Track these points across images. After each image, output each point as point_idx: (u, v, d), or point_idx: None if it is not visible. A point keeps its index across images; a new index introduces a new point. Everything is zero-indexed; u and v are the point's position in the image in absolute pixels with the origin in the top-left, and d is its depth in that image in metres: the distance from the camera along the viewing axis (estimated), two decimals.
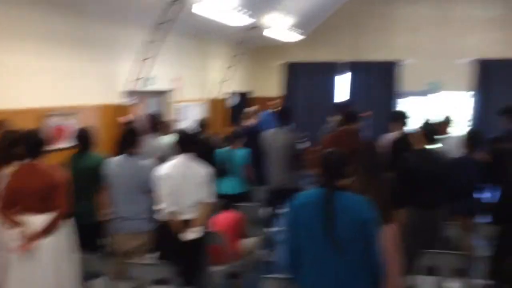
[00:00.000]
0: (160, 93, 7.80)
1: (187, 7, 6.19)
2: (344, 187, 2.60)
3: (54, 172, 3.45)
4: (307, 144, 10.24)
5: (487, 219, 4.36)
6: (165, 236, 3.95)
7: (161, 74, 7.38)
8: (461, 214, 4.72)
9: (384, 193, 3.43)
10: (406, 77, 10.56)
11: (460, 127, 5.76)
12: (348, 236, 2.50)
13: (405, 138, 4.72)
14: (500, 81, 9.89)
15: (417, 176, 4.08)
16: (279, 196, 5.70)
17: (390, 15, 10.58)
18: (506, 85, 9.83)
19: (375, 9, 10.61)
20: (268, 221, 5.55)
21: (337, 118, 6.06)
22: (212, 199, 4.01)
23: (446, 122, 5.72)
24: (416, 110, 5.87)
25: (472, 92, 10.23)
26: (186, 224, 3.91)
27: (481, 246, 4.77)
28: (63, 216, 3.43)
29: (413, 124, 5.51)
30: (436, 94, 10.55)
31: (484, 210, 5.10)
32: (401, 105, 10.56)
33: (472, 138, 4.87)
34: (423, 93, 10.56)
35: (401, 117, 5.65)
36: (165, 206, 3.93)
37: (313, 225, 2.55)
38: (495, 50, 9.90)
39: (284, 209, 5.70)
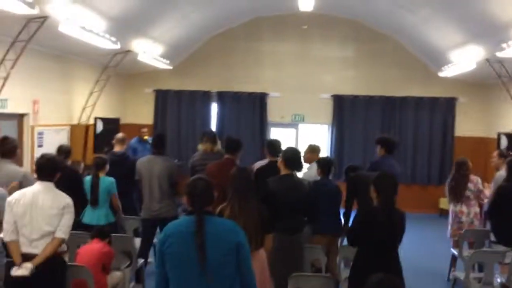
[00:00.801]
0: (14, 116, 7.11)
1: (50, 25, 5.82)
2: (212, 213, 2.63)
3: None
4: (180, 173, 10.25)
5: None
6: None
7: (16, 96, 6.76)
8: (324, 234, 5.04)
9: (254, 218, 3.53)
10: (272, 109, 11.16)
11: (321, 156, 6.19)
12: (220, 262, 2.51)
13: (272, 165, 4.92)
14: (352, 115, 10.99)
15: (277, 201, 4.22)
16: (154, 226, 5.54)
17: (256, 51, 11.16)
18: (358, 118, 10.95)
19: (241, 44, 11.12)
20: (140, 253, 5.31)
21: (206, 145, 6.07)
22: (63, 235, 3.62)
23: (312, 150, 6.10)
24: (283, 140, 6.13)
25: (329, 125, 11.16)
26: (27, 258, 3.52)
27: (345, 267, 5.14)
28: None
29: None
30: (299, 125, 11.31)
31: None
32: (270, 135, 11.11)
33: (323, 164, 5.29)
34: (288, 124, 11.24)
35: (272, 146, 5.88)
36: (4, 236, 3.56)
37: (183, 253, 2.52)
38: (348, 88, 11.02)
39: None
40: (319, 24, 10.91)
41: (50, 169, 3.71)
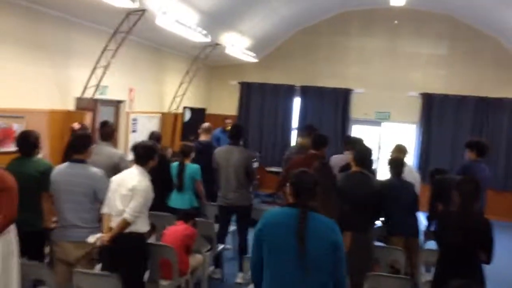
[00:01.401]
0: (113, 103, 7.66)
1: (147, 18, 6.18)
2: (314, 208, 2.63)
3: (3, 176, 3.30)
4: (257, 164, 10.47)
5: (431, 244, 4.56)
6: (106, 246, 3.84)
7: (115, 84, 7.27)
8: (400, 235, 4.92)
9: (335, 214, 3.54)
10: (356, 106, 10.97)
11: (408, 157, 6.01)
12: (317, 257, 2.54)
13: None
14: (442, 115, 10.49)
15: (344, 197, 4.19)
16: (229, 214, 5.72)
17: (342, 46, 11.01)
18: (447, 119, 10.45)
19: (327, 39, 11.02)
20: (218, 238, 5.52)
21: (304, 140, 6.14)
22: (128, 215, 3.75)
23: (399, 151, 5.93)
24: (365, 138, 6.05)
25: (416, 124, 10.76)
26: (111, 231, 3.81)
27: (425, 271, 4.99)
28: (10, 221, 3.28)
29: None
30: (384, 123, 11.02)
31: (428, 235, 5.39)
32: (352, 131, 10.95)
33: (396, 165, 5.13)
34: (371, 121, 11.00)
35: (351, 142, 5.84)
36: (102, 209, 3.88)
37: (283, 244, 2.56)
38: (439, 86, 10.53)
39: (235, 227, 5.78)
40: (410, 19, 10.52)
41: (146, 155, 3.95)
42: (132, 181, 3.81)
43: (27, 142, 4.05)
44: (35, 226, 3.95)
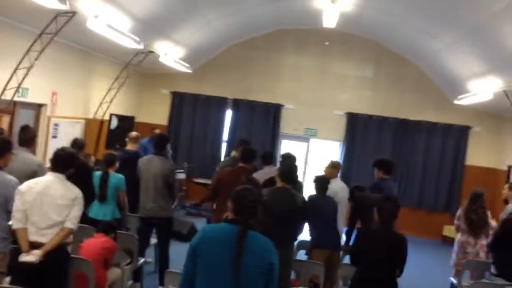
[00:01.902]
0: (33, 106, 7.27)
1: (77, 20, 5.96)
2: (252, 227, 2.62)
3: None
4: (185, 175, 10.36)
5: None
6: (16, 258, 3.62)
7: (37, 86, 6.91)
8: (322, 248, 5.08)
9: (259, 229, 3.57)
10: (285, 121, 11.22)
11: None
12: (252, 276, 2.54)
13: (274, 178, 4.97)
14: (365, 135, 11.01)
15: (269, 213, 4.27)
16: (149, 226, 5.60)
17: (275, 62, 11.26)
18: (370, 138, 10.97)
19: (262, 54, 11.24)
20: (138, 251, 5.37)
21: (237, 154, 6.19)
22: (72, 225, 3.70)
23: (333, 166, 6.17)
24: (293, 153, 6.21)
25: (341, 142, 11.19)
26: (34, 246, 3.59)
27: (343, 286, 5.16)
28: None
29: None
30: (311, 140, 11.36)
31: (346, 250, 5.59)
32: (281, 146, 11.17)
33: (321, 183, 5.37)
34: (300, 137, 11.29)
35: (270, 157, 5.99)
36: (13, 223, 3.64)
37: (219, 260, 2.54)
38: (363, 107, 11.06)
39: (155, 240, 5.65)
40: (340, 41, 11.00)
41: (67, 163, 3.79)
42: (73, 190, 3.73)
43: None
44: None
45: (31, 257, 3.54)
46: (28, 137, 4.71)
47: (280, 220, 4.27)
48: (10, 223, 3.69)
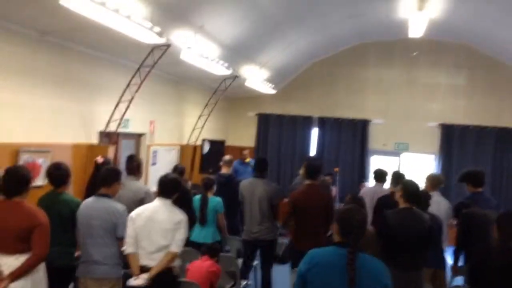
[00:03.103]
0: (134, 136, 7.71)
1: (171, 52, 6.27)
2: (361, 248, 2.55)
3: (35, 212, 3.29)
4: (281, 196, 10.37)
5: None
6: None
7: (136, 117, 7.33)
8: (430, 266, 4.80)
9: (371, 250, 3.44)
10: (374, 136, 10.92)
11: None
12: None
13: (390, 196, 4.76)
14: (461, 146, 10.39)
15: (397, 236, 4.06)
16: (254, 248, 5.64)
17: (360, 76, 11.05)
18: (467, 150, 10.33)
19: (345, 70, 11.09)
20: (241, 273, 5.43)
21: (302, 170, 6.09)
22: (177, 249, 3.83)
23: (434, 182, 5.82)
24: (386, 169, 6.01)
25: (435, 155, 10.64)
26: (143, 269, 3.75)
27: None
28: (41, 259, 3.25)
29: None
30: (402, 154, 10.94)
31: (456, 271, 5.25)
32: (371, 162, 10.87)
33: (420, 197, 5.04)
34: (390, 152, 10.92)
35: (382, 175, 5.79)
36: (125, 248, 3.83)
37: (331, 285, 2.50)
38: (458, 117, 10.47)
39: (257, 261, 5.68)
40: (428, 50, 10.57)
41: (172, 188, 3.96)
42: (177, 214, 3.88)
43: (59, 174, 4.05)
44: (62, 262, 3.92)
45: (139, 281, 3.70)
46: (134, 166, 5.00)
47: (408, 243, 4.05)
48: (122, 249, 3.88)
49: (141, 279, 3.71)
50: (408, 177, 5.51)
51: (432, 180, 5.78)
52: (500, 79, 10.27)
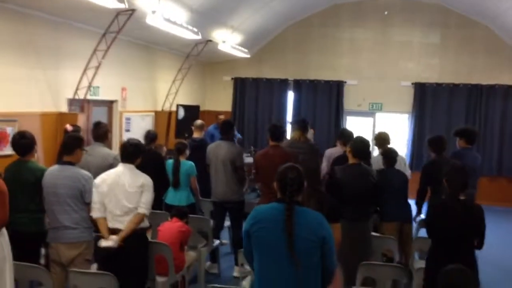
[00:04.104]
0: (105, 103, 7.68)
1: (137, 17, 6.20)
2: (301, 202, 2.66)
3: None
4: (251, 158, 10.48)
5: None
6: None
7: (107, 84, 7.29)
8: (392, 221, 5.00)
9: (323, 207, 3.57)
10: (349, 97, 11.01)
11: (399, 146, 6.08)
12: (307, 251, 2.57)
13: (346, 156, 4.92)
14: (435, 104, 10.55)
15: (344, 189, 4.24)
16: (222, 209, 5.78)
17: (333, 38, 11.03)
18: (440, 108, 10.50)
19: (319, 31, 11.04)
20: (213, 234, 5.57)
21: (296, 134, 6.18)
22: (144, 210, 3.91)
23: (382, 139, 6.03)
24: (358, 129, 6.11)
25: (409, 114, 10.80)
26: (113, 232, 3.87)
27: (419, 258, 5.06)
28: (1, 225, 3.29)
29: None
30: (377, 114, 11.07)
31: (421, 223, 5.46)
32: (346, 123, 11.00)
33: (390, 156, 5.28)
34: (365, 113, 11.05)
35: (344, 135, 5.91)
36: (92, 213, 3.93)
37: (272, 240, 2.60)
38: (431, 75, 10.58)
39: (229, 222, 5.83)
40: (401, 9, 10.56)
41: (133, 153, 4.01)
42: (139, 178, 3.94)
43: (24, 142, 4.07)
44: (31, 228, 3.99)
45: (109, 242, 3.81)
46: (101, 133, 5.02)
47: (355, 197, 4.26)
48: (91, 214, 3.97)
49: (111, 241, 3.82)
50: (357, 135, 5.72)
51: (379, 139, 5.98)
52: (473, 37, 10.34)
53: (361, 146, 4.49)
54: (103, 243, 3.84)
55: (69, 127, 5.74)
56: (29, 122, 5.67)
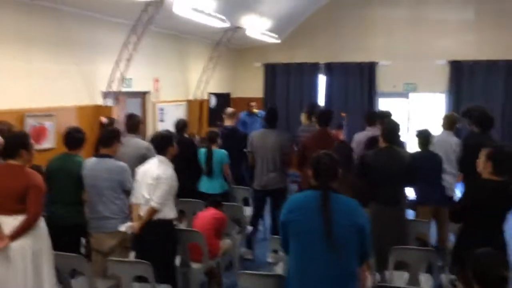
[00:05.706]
0: (139, 94, 7.83)
1: (165, 8, 6.26)
2: (335, 189, 2.65)
3: (30, 174, 3.43)
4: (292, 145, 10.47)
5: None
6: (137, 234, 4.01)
7: (139, 75, 7.42)
8: (426, 205, 4.92)
9: (354, 191, 3.57)
10: (382, 79, 10.80)
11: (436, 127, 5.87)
12: (344, 238, 2.57)
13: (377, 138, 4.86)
14: (471, 83, 10.21)
15: (375, 173, 4.21)
16: (264, 197, 5.79)
17: (365, 18, 10.79)
18: (477, 86, 10.15)
19: (350, 12, 10.82)
20: (252, 221, 5.63)
21: (303, 118, 6.14)
22: (155, 204, 3.89)
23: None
24: (393, 111, 5.99)
25: (445, 93, 10.51)
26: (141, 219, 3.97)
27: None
28: (37, 218, 3.41)
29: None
30: (411, 95, 10.82)
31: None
32: (379, 105, 10.81)
33: (423, 137, 5.12)
34: (398, 94, 10.83)
35: (374, 117, 5.82)
36: (130, 199, 4.06)
37: (309, 227, 2.60)
38: (468, 53, 10.21)
39: (271, 210, 5.86)
40: None
41: (160, 145, 4.07)
42: (156, 170, 3.95)
43: (78, 136, 4.22)
44: (73, 220, 4.14)
45: (121, 227, 3.95)
46: (133, 124, 5.14)
47: (387, 180, 4.21)
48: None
49: (125, 227, 3.96)
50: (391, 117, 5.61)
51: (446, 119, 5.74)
52: (509, 11, 9.90)
53: (391, 129, 4.43)
54: (121, 227, 3.97)
55: (104, 119, 5.89)
56: (66, 116, 5.87)
